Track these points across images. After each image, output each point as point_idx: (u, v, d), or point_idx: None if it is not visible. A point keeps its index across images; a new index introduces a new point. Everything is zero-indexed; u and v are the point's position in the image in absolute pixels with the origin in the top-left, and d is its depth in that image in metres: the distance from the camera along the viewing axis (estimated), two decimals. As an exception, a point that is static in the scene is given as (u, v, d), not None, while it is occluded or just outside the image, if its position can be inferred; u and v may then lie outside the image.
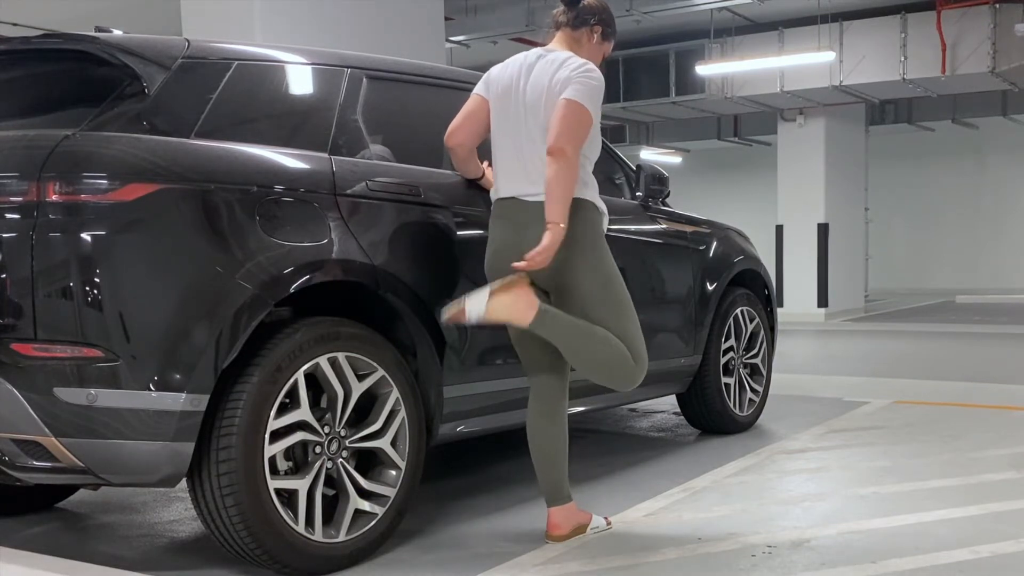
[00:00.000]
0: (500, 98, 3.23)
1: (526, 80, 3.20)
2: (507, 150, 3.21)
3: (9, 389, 2.60)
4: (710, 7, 10.09)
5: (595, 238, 3.17)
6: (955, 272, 19.25)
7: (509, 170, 3.21)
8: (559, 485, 3.25)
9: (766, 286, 5.35)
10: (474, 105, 3.30)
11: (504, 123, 3.22)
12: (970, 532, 3.27)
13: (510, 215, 3.19)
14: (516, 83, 3.21)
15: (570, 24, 3.32)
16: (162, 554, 3.28)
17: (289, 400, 2.87)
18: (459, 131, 3.32)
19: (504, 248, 3.17)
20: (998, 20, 10.26)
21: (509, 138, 3.20)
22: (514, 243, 3.13)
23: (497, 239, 3.23)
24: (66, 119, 2.86)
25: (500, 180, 3.24)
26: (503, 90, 3.22)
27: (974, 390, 6.51)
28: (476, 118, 3.29)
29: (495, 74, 3.28)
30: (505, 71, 3.26)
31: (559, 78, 3.13)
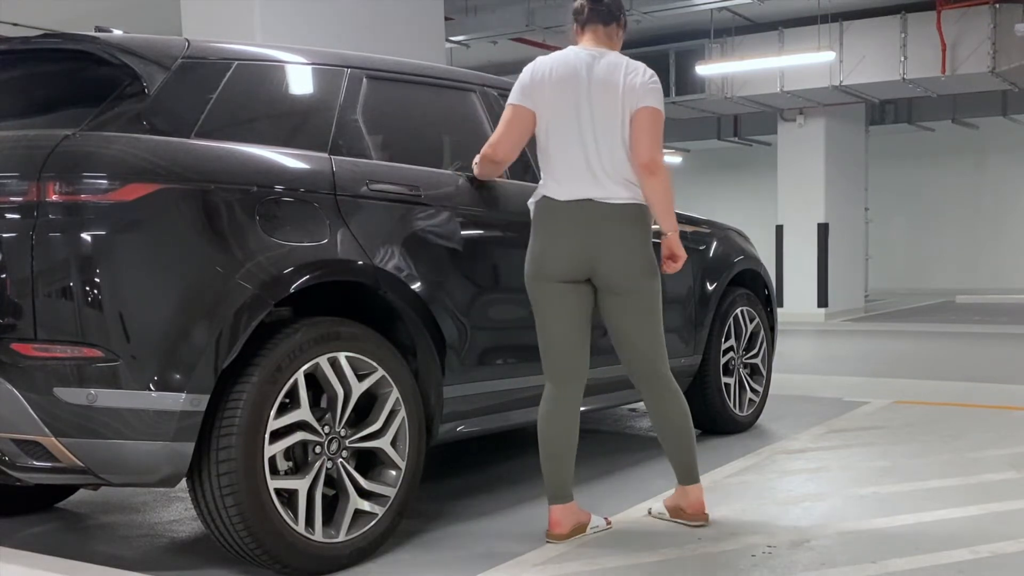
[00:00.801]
0: (556, 102, 3.18)
1: (590, 83, 3.19)
2: (572, 154, 3.18)
3: (9, 389, 2.60)
4: (710, 7, 10.09)
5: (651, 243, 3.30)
6: (955, 272, 19.24)
7: (576, 174, 3.18)
8: (564, 484, 3.26)
9: (766, 286, 5.35)
10: (515, 116, 3.24)
11: (567, 127, 3.18)
12: (970, 532, 3.27)
13: (578, 217, 3.17)
14: (578, 86, 3.18)
15: (602, 20, 3.31)
16: (162, 554, 3.28)
17: (289, 400, 2.87)
18: (504, 143, 3.29)
19: (573, 250, 3.18)
20: (998, 20, 10.26)
21: (575, 143, 3.18)
22: (585, 245, 3.17)
23: (560, 241, 3.19)
24: (66, 119, 2.86)
25: (564, 183, 3.19)
26: (560, 93, 3.18)
27: (974, 390, 6.51)
28: (520, 129, 3.25)
29: (538, 79, 3.21)
30: (552, 75, 3.20)
31: (633, 84, 3.19)
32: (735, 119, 15.37)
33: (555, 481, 3.26)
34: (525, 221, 3.74)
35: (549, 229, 3.22)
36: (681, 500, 3.41)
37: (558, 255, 3.20)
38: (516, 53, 12.33)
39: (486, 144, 3.38)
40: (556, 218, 3.20)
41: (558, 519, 3.26)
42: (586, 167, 3.18)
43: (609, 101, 3.18)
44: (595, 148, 3.18)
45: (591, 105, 3.18)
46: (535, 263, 3.24)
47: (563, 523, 3.26)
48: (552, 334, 3.26)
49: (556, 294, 3.23)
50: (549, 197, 3.22)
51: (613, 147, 3.18)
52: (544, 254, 3.22)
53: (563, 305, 3.23)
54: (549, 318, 3.25)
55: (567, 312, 3.24)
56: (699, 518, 3.38)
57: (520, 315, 3.72)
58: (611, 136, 3.18)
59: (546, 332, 3.27)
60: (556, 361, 3.27)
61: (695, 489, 3.39)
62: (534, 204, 3.29)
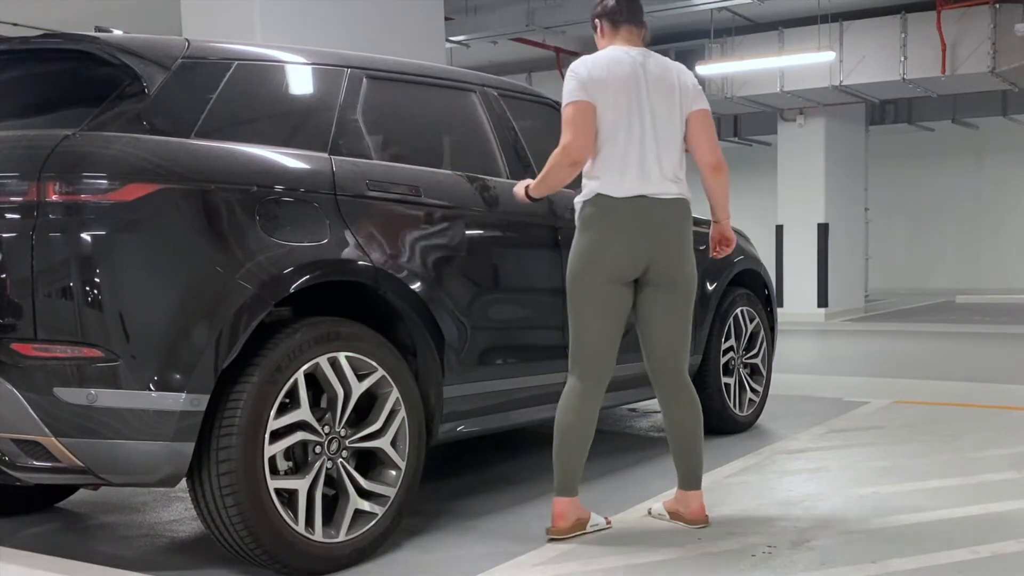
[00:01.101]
0: (616, 99, 3.20)
1: (646, 82, 3.25)
2: (630, 152, 3.21)
3: (9, 389, 2.60)
4: (710, 7, 10.09)
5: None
6: (955, 272, 19.24)
7: (632, 171, 3.21)
8: (574, 477, 3.28)
9: (766, 286, 5.35)
10: (583, 111, 3.20)
11: (627, 123, 3.22)
12: (970, 532, 3.27)
13: (636, 215, 3.21)
14: (636, 85, 3.23)
15: (636, 21, 3.37)
16: (162, 554, 3.28)
17: (289, 400, 2.87)
18: (580, 141, 3.20)
19: (632, 248, 3.21)
20: (998, 20, 10.26)
21: (635, 139, 3.22)
22: (643, 242, 3.21)
23: (620, 239, 3.20)
24: (66, 119, 2.86)
25: (622, 180, 3.20)
26: (619, 91, 3.21)
27: (974, 390, 6.51)
28: (591, 124, 3.22)
29: (597, 76, 3.21)
30: (610, 72, 3.22)
31: (687, 85, 3.33)
32: (735, 119, 15.37)
33: (566, 473, 3.26)
34: (525, 221, 3.75)
35: (607, 227, 3.21)
36: (681, 505, 3.41)
37: (619, 253, 3.22)
38: (516, 53, 12.34)
39: (557, 153, 3.24)
40: (615, 216, 3.21)
41: (562, 512, 3.26)
42: (641, 164, 3.22)
43: (667, 101, 3.28)
44: (653, 146, 3.24)
45: (650, 104, 3.25)
46: (590, 261, 3.23)
47: (567, 516, 3.26)
48: (592, 331, 3.26)
49: (605, 293, 3.24)
50: (605, 195, 3.21)
51: (669, 146, 3.27)
52: (601, 252, 3.22)
53: (609, 304, 3.25)
54: (592, 316, 3.25)
55: (612, 311, 3.26)
56: (699, 523, 3.38)
57: (520, 315, 3.73)
58: (668, 135, 3.27)
59: (586, 329, 3.27)
60: (590, 358, 3.28)
61: (696, 496, 3.39)
62: (584, 201, 3.26)
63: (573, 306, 3.30)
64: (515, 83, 4.25)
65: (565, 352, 3.86)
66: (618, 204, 3.21)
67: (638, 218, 3.21)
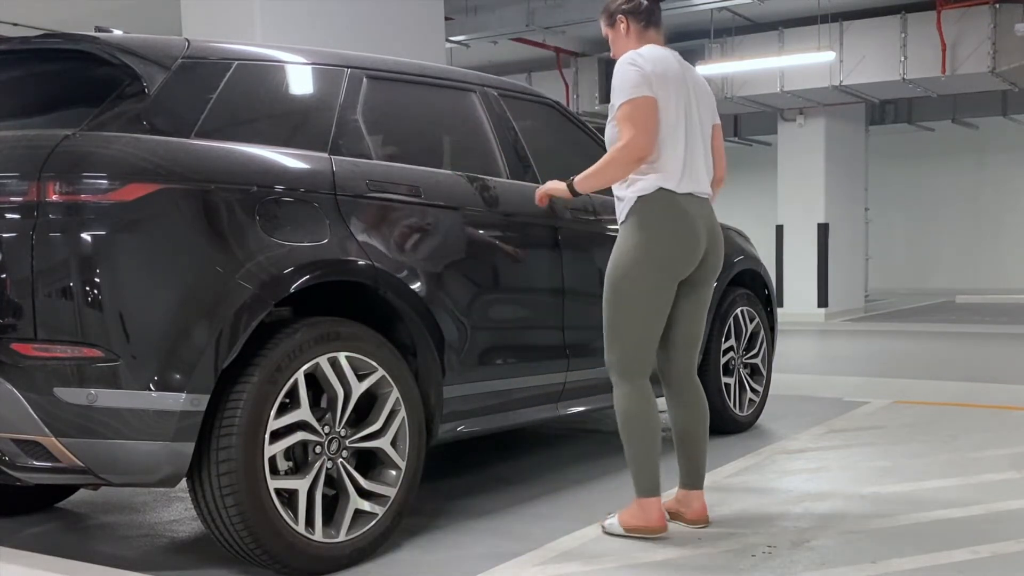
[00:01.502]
0: (674, 96, 3.19)
1: (694, 83, 3.29)
2: (690, 147, 3.22)
3: (9, 389, 2.60)
4: (710, 7, 10.09)
5: None
6: (955, 272, 19.23)
7: (689, 167, 3.22)
8: (658, 474, 3.26)
9: (766, 286, 5.35)
10: (649, 105, 3.13)
11: (684, 121, 3.22)
12: (970, 532, 3.27)
13: (694, 209, 3.22)
14: (686, 83, 3.25)
15: (660, 25, 3.36)
16: (162, 554, 3.28)
17: (289, 400, 2.87)
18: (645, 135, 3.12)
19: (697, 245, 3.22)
20: (998, 20, 10.26)
21: (690, 136, 3.23)
22: (704, 236, 3.24)
23: (689, 235, 3.20)
24: (66, 119, 2.86)
25: (683, 175, 3.19)
26: (675, 88, 3.20)
27: (974, 390, 6.51)
28: (656, 118, 3.16)
29: (659, 71, 3.17)
30: (667, 68, 3.20)
31: (710, 92, 3.37)
32: (735, 119, 15.36)
33: (653, 474, 3.24)
34: (524, 221, 3.75)
35: (672, 222, 3.18)
36: (682, 505, 3.40)
37: (686, 248, 3.21)
38: (516, 53, 12.33)
39: (621, 148, 3.13)
40: (678, 211, 3.18)
41: (660, 509, 3.26)
42: (693, 163, 3.23)
43: (707, 103, 3.34)
44: (701, 144, 3.27)
45: (697, 103, 3.28)
46: (656, 258, 3.17)
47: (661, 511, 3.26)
48: (648, 329, 3.23)
49: (667, 291, 3.23)
50: (668, 190, 3.18)
51: (706, 146, 3.31)
52: (668, 248, 3.18)
53: (666, 302, 3.25)
54: (650, 314, 3.22)
55: (666, 309, 3.25)
56: (700, 523, 3.38)
57: (520, 315, 3.73)
58: (706, 136, 3.31)
59: (642, 328, 3.22)
60: (646, 356, 3.25)
61: (698, 495, 3.39)
62: (643, 196, 3.18)
63: (627, 305, 3.20)
64: (515, 83, 4.25)
65: (565, 352, 3.87)
66: (679, 199, 3.19)
67: (697, 214, 3.23)
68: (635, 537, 3.24)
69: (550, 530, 3.37)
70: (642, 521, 3.24)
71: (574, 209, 3.96)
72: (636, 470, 3.24)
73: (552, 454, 4.72)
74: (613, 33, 3.39)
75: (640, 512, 3.25)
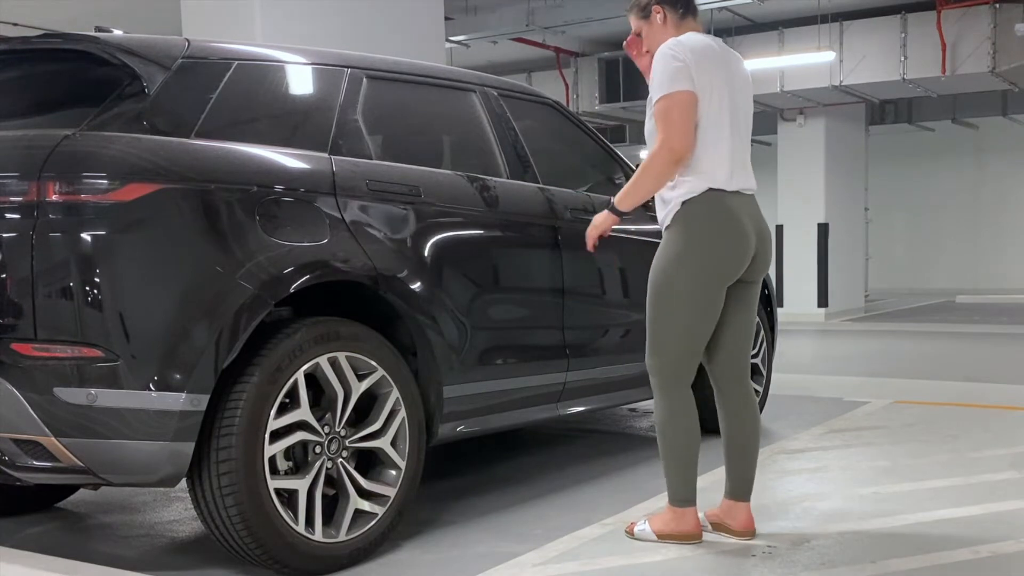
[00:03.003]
0: (720, 88, 3.07)
1: (736, 73, 3.15)
2: (734, 142, 3.11)
3: (9, 389, 2.60)
4: (710, 7, 10.09)
5: None
6: (955, 272, 19.23)
7: (735, 164, 3.11)
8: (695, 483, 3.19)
9: (766, 286, 5.34)
10: (691, 104, 3.02)
11: (729, 114, 3.10)
12: (970, 532, 3.27)
13: (743, 208, 3.12)
14: (729, 74, 3.11)
15: (697, 13, 3.23)
16: (162, 554, 3.28)
17: (289, 400, 2.87)
18: (691, 140, 3.03)
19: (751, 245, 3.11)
20: (998, 20, 10.26)
21: (735, 131, 3.12)
22: (754, 236, 3.13)
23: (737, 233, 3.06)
24: (66, 119, 2.86)
25: (732, 173, 3.09)
26: (719, 79, 3.07)
27: (974, 390, 6.51)
28: (694, 119, 3.05)
29: (700, 61, 3.03)
30: (710, 59, 3.05)
31: (750, 82, 3.25)
32: (735, 119, 15.34)
33: (692, 482, 3.17)
34: (524, 221, 3.75)
35: (724, 223, 3.05)
36: (728, 517, 3.26)
37: (739, 250, 3.09)
38: (516, 53, 12.33)
39: (659, 151, 3.01)
40: (728, 211, 3.06)
41: (696, 518, 3.20)
42: (739, 158, 3.13)
43: (748, 93, 3.23)
44: (746, 136, 3.18)
45: (742, 95, 3.17)
46: (708, 262, 3.05)
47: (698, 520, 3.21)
48: (694, 338, 3.11)
49: (716, 298, 3.09)
50: (717, 189, 3.05)
51: (749, 140, 3.21)
52: (721, 251, 3.06)
53: (716, 310, 3.11)
54: (698, 323, 3.09)
55: (715, 316, 3.13)
56: (746, 535, 3.25)
57: (520, 315, 3.73)
58: (749, 127, 3.22)
59: (688, 337, 3.10)
60: (689, 366, 3.14)
61: (745, 507, 3.25)
62: (691, 199, 3.05)
63: (673, 314, 3.08)
64: (515, 83, 4.25)
65: (565, 352, 3.87)
66: (729, 199, 3.07)
67: (745, 212, 3.11)
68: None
69: (550, 530, 3.37)
70: (676, 528, 3.18)
71: (574, 209, 3.96)
72: (671, 479, 3.18)
73: (552, 454, 4.72)
74: (648, 26, 3.22)
75: (673, 519, 3.18)
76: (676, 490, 3.18)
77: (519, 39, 11.35)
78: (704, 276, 3.06)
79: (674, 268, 3.07)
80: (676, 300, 3.07)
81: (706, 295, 3.08)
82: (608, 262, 4.10)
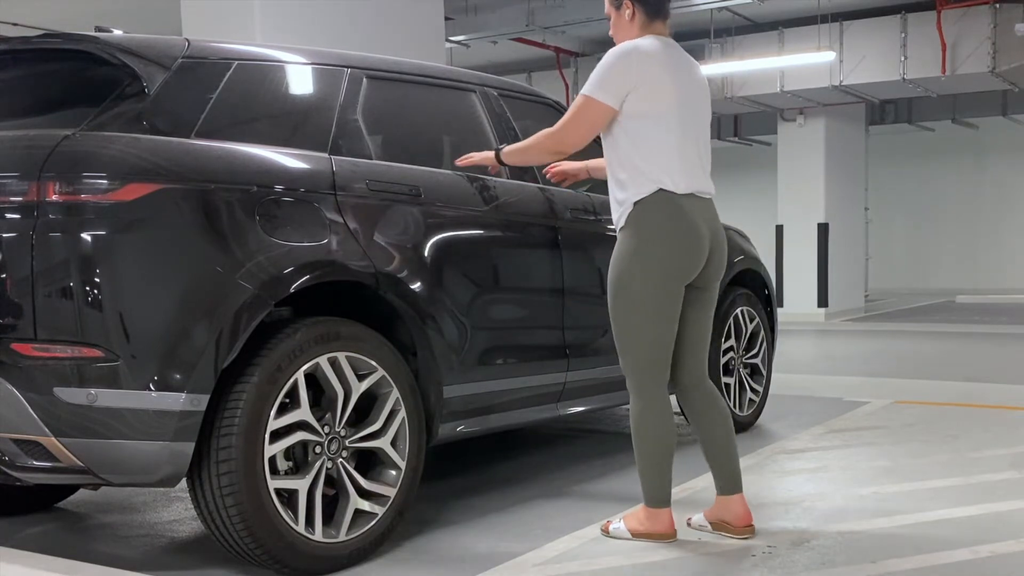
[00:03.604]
0: (669, 91, 3.09)
1: (689, 77, 3.18)
2: (685, 145, 3.12)
3: (9, 389, 2.60)
4: (710, 7, 10.09)
5: None
6: (955, 272, 19.23)
7: (688, 165, 3.12)
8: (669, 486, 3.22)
9: (766, 286, 5.35)
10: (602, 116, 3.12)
11: (678, 117, 3.11)
12: (970, 532, 3.27)
13: (696, 210, 3.13)
14: (683, 77, 3.15)
15: (668, 17, 3.24)
16: (162, 554, 3.28)
17: (289, 400, 2.87)
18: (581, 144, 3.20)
19: (704, 246, 3.13)
20: (998, 20, 10.27)
21: (686, 133, 3.14)
22: (708, 238, 3.15)
23: (688, 234, 3.09)
24: (66, 119, 2.86)
25: (683, 174, 3.10)
26: (671, 82, 3.09)
27: (974, 390, 6.51)
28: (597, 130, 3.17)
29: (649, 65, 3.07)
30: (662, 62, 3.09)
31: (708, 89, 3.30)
32: (735, 119, 15.36)
33: (667, 484, 3.21)
34: (525, 221, 3.76)
35: (675, 224, 3.08)
36: (724, 512, 3.27)
37: (691, 251, 3.11)
38: (516, 53, 12.33)
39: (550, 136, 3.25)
40: (680, 213, 3.09)
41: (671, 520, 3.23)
42: (691, 160, 3.14)
43: (704, 99, 3.25)
44: (699, 142, 3.19)
45: (697, 100, 3.20)
46: (661, 262, 3.09)
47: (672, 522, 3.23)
48: (665, 335, 3.14)
49: (677, 295, 3.14)
50: (668, 191, 3.08)
51: (706, 143, 3.23)
52: (673, 251, 3.09)
53: (675, 308, 3.15)
54: (665, 320, 3.13)
55: (676, 314, 3.16)
56: (746, 531, 3.25)
57: (520, 315, 3.73)
58: (705, 132, 3.23)
59: (653, 336, 3.13)
60: (661, 366, 3.17)
61: (739, 500, 3.27)
62: (641, 200, 3.09)
63: (634, 315, 3.12)
64: (515, 83, 4.26)
65: (564, 352, 3.87)
66: (680, 201, 3.09)
67: (698, 213, 3.13)
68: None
69: (550, 530, 3.37)
70: (649, 528, 3.21)
71: (574, 209, 3.97)
72: (645, 481, 3.21)
73: (552, 454, 4.72)
74: (617, 16, 3.24)
75: (648, 519, 3.22)
76: (650, 491, 3.21)
77: (519, 39, 11.35)
78: (658, 274, 3.10)
79: (629, 268, 3.12)
80: (634, 299, 3.12)
81: (662, 293, 3.11)
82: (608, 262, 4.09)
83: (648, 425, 3.16)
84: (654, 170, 3.09)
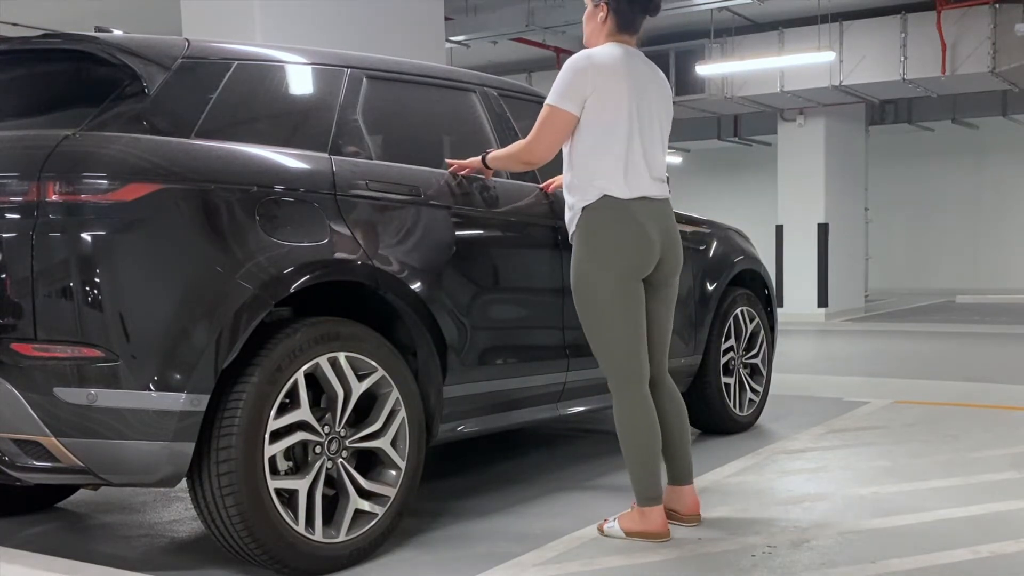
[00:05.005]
0: (615, 95, 3.16)
1: (644, 83, 3.24)
2: (632, 151, 3.20)
3: (9, 389, 2.60)
4: (710, 7, 10.09)
5: None
6: (955, 272, 19.24)
7: (635, 171, 3.20)
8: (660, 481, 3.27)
9: (766, 286, 5.35)
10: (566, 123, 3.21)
11: (626, 124, 3.19)
12: (971, 532, 3.27)
13: (644, 212, 3.21)
14: (637, 84, 3.21)
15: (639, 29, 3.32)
16: (162, 554, 3.28)
17: (289, 400, 2.87)
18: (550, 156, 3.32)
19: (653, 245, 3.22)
20: (998, 20, 10.27)
21: (633, 139, 3.20)
22: (658, 237, 3.23)
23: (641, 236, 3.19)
24: (66, 119, 2.86)
25: (629, 180, 3.19)
26: (622, 90, 3.17)
27: (974, 390, 6.51)
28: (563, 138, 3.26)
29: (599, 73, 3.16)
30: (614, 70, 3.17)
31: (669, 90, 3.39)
32: (735, 119, 15.36)
33: (657, 480, 3.25)
34: (524, 221, 3.75)
35: (622, 226, 3.18)
36: (675, 502, 3.39)
37: (639, 248, 3.20)
38: (516, 53, 12.33)
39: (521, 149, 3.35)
40: (626, 215, 3.19)
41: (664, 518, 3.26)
42: (635, 165, 3.21)
43: (664, 105, 3.32)
44: (647, 145, 3.24)
45: (656, 105, 3.27)
46: (611, 261, 3.18)
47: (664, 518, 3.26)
48: (633, 333, 3.23)
49: (636, 292, 3.23)
50: (612, 196, 3.18)
51: (661, 147, 3.31)
52: (621, 249, 3.19)
53: (639, 303, 3.24)
54: (629, 318, 3.22)
55: (639, 308, 3.25)
56: (694, 519, 3.38)
57: (520, 315, 3.73)
58: (659, 137, 3.30)
59: (627, 333, 3.22)
60: (639, 361, 3.25)
61: (688, 490, 3.39)
62: (589, 205, 3.21)
63: (598, 313, 3.22)
64: (515, 83, 4.25)
65: (565, 352, 3.87)
66: (626, 205, 3.19)
67: (647, 216, 3.22)
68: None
69: (550, 530, 3.37)
70: (642, 527, 3.23)
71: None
72: (635, 479, 3.25)
73: (552, 454, 4.72)
74: (591, 12, 3.31)
75: (641, 518, 3.24)
76: (640, 489, 3.25)
77: (519, 39, 11.35)
78: (612, 274, 3.19)
79: (585, 272, 3.24)
80: (595, 301, 3.22)
81: (620, 291, 3.20)
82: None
83: (631, 424, 3.24)
84: (599, 177, 3.20)
